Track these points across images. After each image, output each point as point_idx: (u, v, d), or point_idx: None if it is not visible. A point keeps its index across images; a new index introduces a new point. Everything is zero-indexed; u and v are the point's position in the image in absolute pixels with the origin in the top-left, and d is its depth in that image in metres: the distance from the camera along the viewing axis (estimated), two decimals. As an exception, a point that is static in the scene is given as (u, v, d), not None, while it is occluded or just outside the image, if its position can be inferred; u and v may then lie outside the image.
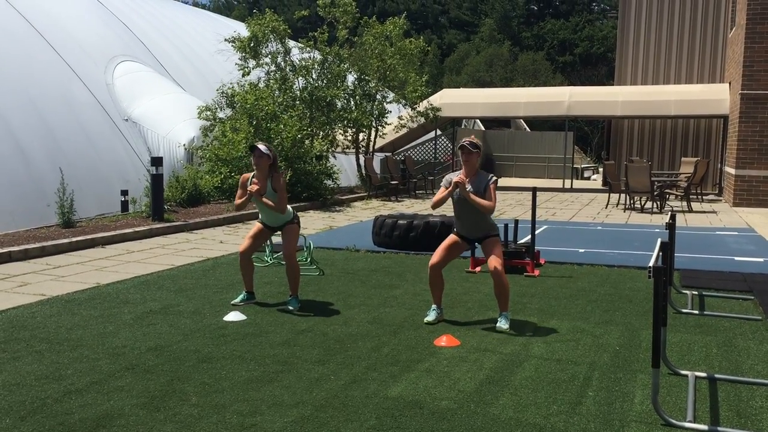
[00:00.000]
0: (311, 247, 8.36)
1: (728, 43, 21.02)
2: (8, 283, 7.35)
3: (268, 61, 18.49)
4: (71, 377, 4.47)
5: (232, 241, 10.47)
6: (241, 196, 6.40)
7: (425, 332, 5.60)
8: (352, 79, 20.23)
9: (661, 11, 22.63)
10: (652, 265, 3.94)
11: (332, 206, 16.14)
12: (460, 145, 5.76)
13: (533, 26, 55.20)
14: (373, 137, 21.41)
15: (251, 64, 18.28)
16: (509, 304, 5.95)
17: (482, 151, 5.86)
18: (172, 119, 15.81)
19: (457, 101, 23.14)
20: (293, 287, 6.41)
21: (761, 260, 9.04)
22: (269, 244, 8.61)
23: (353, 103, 19.82)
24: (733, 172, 17.04)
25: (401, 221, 9.63)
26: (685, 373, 4.62)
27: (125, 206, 12.75)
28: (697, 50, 22.37)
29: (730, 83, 20.01)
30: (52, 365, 4.70)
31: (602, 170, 22.95)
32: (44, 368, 4.64)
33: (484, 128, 32.22)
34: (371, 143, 21.41)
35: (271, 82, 18.25)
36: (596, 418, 3.92)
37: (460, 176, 5.72)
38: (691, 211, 15.51)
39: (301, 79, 18.58)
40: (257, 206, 6.45)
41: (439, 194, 5.84)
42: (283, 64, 18.60)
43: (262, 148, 6.28)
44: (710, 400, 4.20)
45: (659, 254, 4.62)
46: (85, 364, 4.74)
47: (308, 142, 16.70)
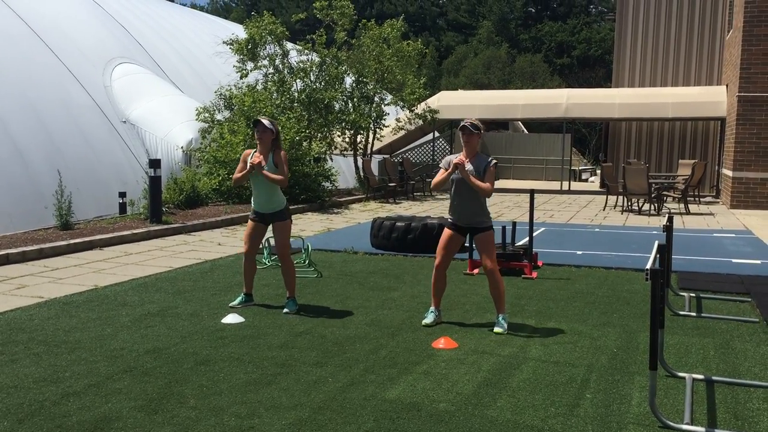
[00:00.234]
0: (309, 249, 8.36)
1: (725, 45, 21.07)
2: (6, 285, 7.34)
3: (266, 63, 18.50)
4: (69, 380, 4.47)
5: (230, 243, 10.47)
6: (240, 170, 6.32)
7: (423, 334, 5.61)
8: (350, 81, 20.24)
9: (658, 14, 22.68)
10: (649, 267, 3.95)
11: (330, 208, 16.14)
12: (461, 126, 5.75)
13: (531, 28, 55.27)
14: (371, 139, 21.42)
15: (249, 66, 18.29)
16: (506, 306, 5.96)
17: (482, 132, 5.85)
18: (170, 121, 15.81)
19: (454, 103, 23.16)
20: (290, 288, 6.40)
21: (758, 262, 9.05)
22: (267, 246, 8.61)
23: (351, 105, 19.83)
24: (730, 174, 17.07)
25: (399, 223, 9.64)
26: (682, 375, 4.63)
27: (123, 208, 12.74)
28: (694, 53, 22.41)
29: (727, 86, 20.05)
30: (50, 368, 4.70)
31: (600, 172, 22.96)
32: (42, 371, 4.64)
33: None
34: (369, 145, 21.43)
35: (269, 84, 18.26)
36: (594, 420, 3.93)
37: (460, 157, 5.73)
38: (688, 213, 15.53)
39: (299, 81, 18.59)
40: (253, 186, 6.35)
41: (439, 176, 5.85)
42: (281, 66, 18.61)
43: (265, 122, 6.24)
44: (707, 402, 4.21)
45: (657, 256, 4.63)
46: (83, 366, 4.74)
47: (306, 144, 16.71)
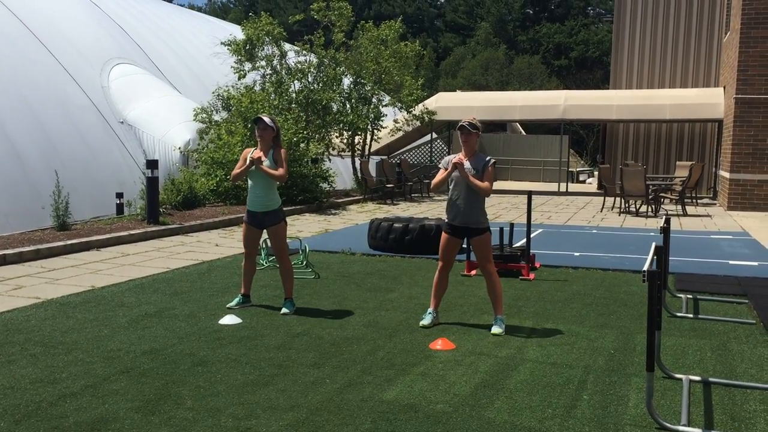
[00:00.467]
0: (307, 250, 8.36)
1: (723, 47, 21.10)
2: (3, 286, 7.32)
3: (263, 64, 18.50)
4: (66, 380, 4.47)
5: (227, 244, 10.46)
6: (240, 166, 6.34)
7: (421, 336, 5.61)
8: (347, 82, 20.24)
9: (656, 15, 22.72)
10: (646, 268, 3.96)
11: (328, 209, 16.14)
12: (459, 125, 5.76)
13: (529, 30, 55.34)
14: (368, 140, 21.43)
15: (247, 66, 18.29)
16: (504, 307, 5.96)
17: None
18: (167, 122, 15.79)
19: (452, 104, 23.18)
20: (288, 289, 6.40)
21: (755, 264, 9.07)
22: (264, 247, 8.60)
23: (349, 106, 19.84)
24: (727, 175, 17.10)
25: (397, 224, 9.63)
26: (679, 376, 4.63)
27: (120, 209, 12.73)
28: (691, 54, 22.45)
29: (724, 87, 20.09)
30: (46, 368, 4.69)
31: (597, 174, 22.99)
32: (39, 371, 4.63)
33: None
34: (367, 146, 21.43)
35: (266, 85, 18.26)
36: (591, 421, 3.93)
37: (459, 157, 5.74)
38: (685, 214, 15.55)
39: (296, 82, 18.59)
40: (250, 184, 6.34)
41: (438, 176, 5.85)
42: (278, 67, 18.61)
43: (266, 120, 6.27)
44: (704, 403, 4.22)
45: (654, 258, 4.63)
46: (79, 367, 4.73)
47: (304, 145, 16.70)
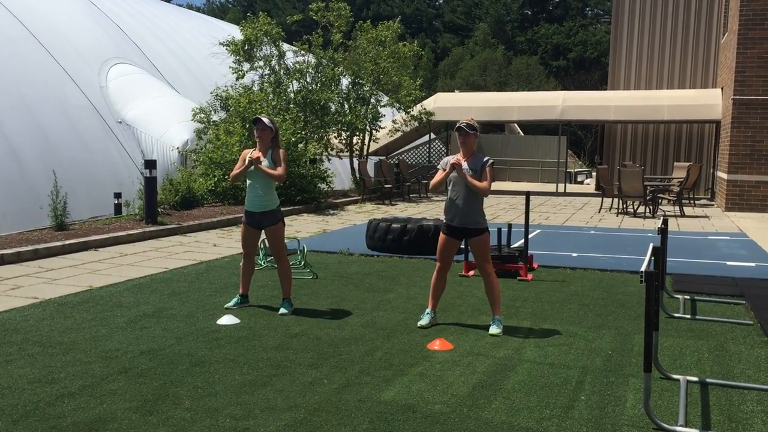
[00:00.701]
0: (305, 250, 8.36)
1: (720, 48, 21.13)
2: (1, 286, 7.31)
3: (262, 64, 18.50)
4: (64, 380, 4.46)
5: (225, 244, 10.46)
6: (239, 167, 6.35)
7: (418, 336, 5.61)
8: (346, 82, 20.24)
9: (654, 16, 22.74)
10: (644, 269, 3.96)
11: (326, 210, 16.14)
12: (457, 126, 5.77)
13: (527, 31, 55.36)
14: (367, 141, 21.43)
15: (245, 67, 18.28)
16: (502, 308, 5.96)
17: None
18: (166, 122, 15.79)
19: (451, 105, 23.18)
20: (286, 290, 6.40)
21: (753, 265, 9.08)
22: (262, 247, 8.60)
23: (347, 106, 19.84)
24: (725, 176, 17.12)
25: (395, 225, 9.64)
26: (676, 377, 4.64)
27: (118, 209, 12.72)
28: (689, 55, 22.47)
29: (722, 88, 20.11)
30: (44, 368, 4.69)
31: (595, 174, 23.01)
32: (37, 371, 4.63)
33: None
34: (365, 147, 21.43)
35: (265, 85, 18.26)
36: (588, 422, 3.94)
37: (457, 158, 5.75)
38: (683, 215, 15.57)
39: (295, 82, 18.59)
40: (248, 184, 6.33)
41: (437, 177, 5.86)
42: (277, 67, 18.61)
43: (265, 120, 6.29)
44: (701, 404, 4.22)
45: (651, 259, 4.64)
46: (77, 367, 4.73)
47: (302, 145, 16.70)
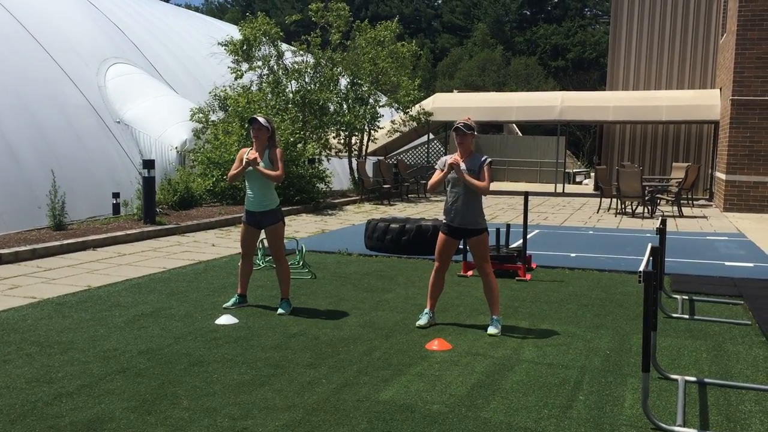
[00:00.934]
0: (303, 250, 8.36)
1: (719, 49, 21.15)
2: (-2, 285, 7.31)
3: (260, 64, 18.49)
4: (62, 380, 4.46)
5: (224, 244, 10.45)
6: (236, 167, 6.33)
7: (417, 336, 5.61)
8: (344, 82, 20.24)
9: (652, 17, 22.75)
10: (642, 269, 3.97)
11: (324, 210, 16.13)
12: (454, 127, 5.77)
13: (526, 31, 55.40)
14: (365, 141, 21.43)
15: (244, 67, 18.28)
16: (500, 308, 5.96)
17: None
18: (164, 122, 15.78)
19: (449, 105, 23.18)
20: (284, 290, 6.40)
21: (751, 265, 9.09)
22: (261, 247, 8.60)
23: (346, 106, 19.84)
24: (723, 177, 17.14)
25: (393, 225, 9.64)
26: (675, 377, 4.64)
27: (117, 209, 12.71)
28: (688, 56, 22.49)
29: (720, 89, 20.12)
30: (42, 368, 4.68)
31: (594, 175, 23.02)
32: (35, 371, 4.63)
33: (476, 132, 32.40)
34: (364, 147, 21.43)
35: (263, 85, 18.25)
36: (587, 422, 3.94)
37: (455, 158, 5.74)
38: (681, 216, 15.58)
39: (293, 82, 18.58)
40: (247, 184, 6.34)
41: (435, 177, 5.85)
42: (275, 67, 18.60)
43: (261, 120, 6.25)
44: (700, 404, 4.23)
45: (650, 259, 4.64)
46: (75, 367, 4.72)
47: (301, 145, 16.70)
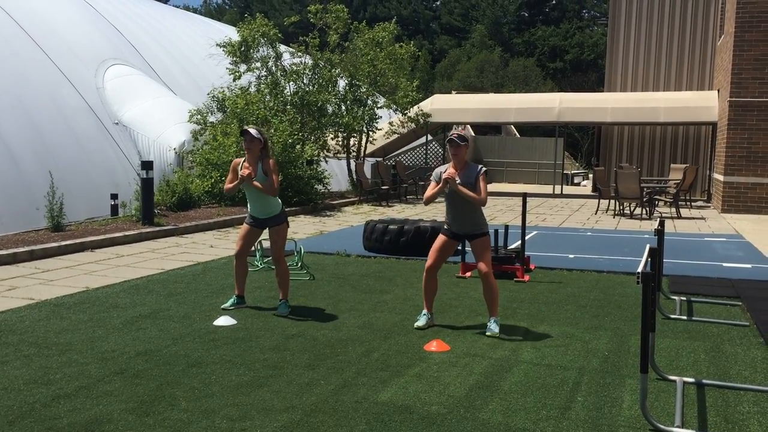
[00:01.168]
0: (302, 251, 8.36)
1: (717, 50, 21.18)
2: (-4, 286, 7.30)
3: (258, 65, 18.49)
4: (60, 382, 4.45)
5: (222, 245, 10.45)
6: (231, 180, 6.30)
7: (415, 337, 5.61)
8: (342, 84, 20.24)
9: (650, 19, 22.79)
10: (640, 270, 3.97)
11: (323, 211, 16.13)
12: (448, 138, 5.75)
13: (524, 33, 55.44)
14: (364, 142, 21.43)
15: (242, 68, 18.28)
16: (499, 309, 5.97)
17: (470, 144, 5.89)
18: (162, 123, 15.78)
19: (448, 106, 23.20)
20: (283, 291, 6.39)
21: (749, 266, 9.10)
22: (260, 248, 8.60)
23: (344, 107, 19.84)
24: (721, 178, 17.16)
25: (392, 226, 9.64)
26: (673, 378, 4.64)
27: (115, 210, 12.70)
28: (686, 58, 22.52)
29: (718, 91, 20.15)
30: (40, 370, 4.68)
31: (592, 176, 23.04)
32: (33, 372, 4.62)
33: (474, 134, 32.40)
34: (362, 148, 21.43)
35: (262, 86, 18.25)
36: (585, 423, 3.94)
37: (449, 171, 5.70)
38: (679, 217, 15.59)
39: (291, 83, 18.58)
40: (247, 195, 6.34)
41: (430, 189, 5.82)
42: (273, 68, 18.60)
43: (252, 132, 6.19)
44: (698, 405, 4.23)
45: (648, 260, 4.65)
46: (73, 368, 4.72)
47: (299, 146, 16.70)
